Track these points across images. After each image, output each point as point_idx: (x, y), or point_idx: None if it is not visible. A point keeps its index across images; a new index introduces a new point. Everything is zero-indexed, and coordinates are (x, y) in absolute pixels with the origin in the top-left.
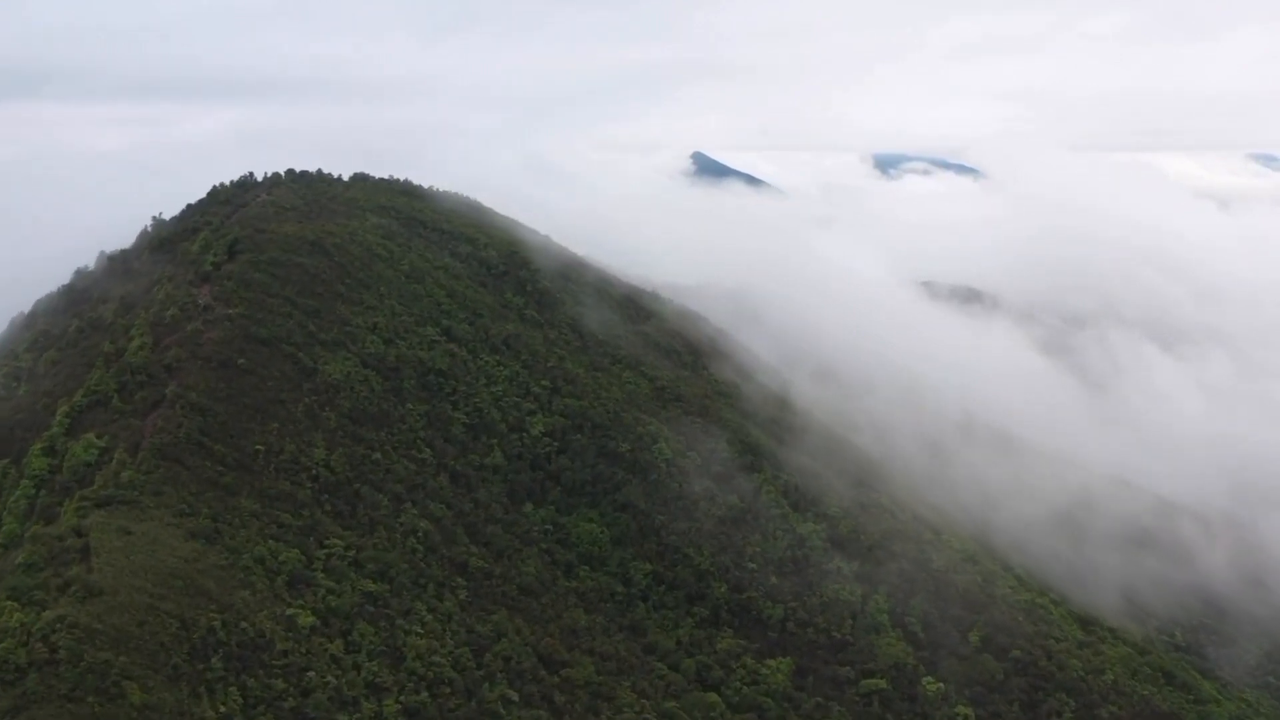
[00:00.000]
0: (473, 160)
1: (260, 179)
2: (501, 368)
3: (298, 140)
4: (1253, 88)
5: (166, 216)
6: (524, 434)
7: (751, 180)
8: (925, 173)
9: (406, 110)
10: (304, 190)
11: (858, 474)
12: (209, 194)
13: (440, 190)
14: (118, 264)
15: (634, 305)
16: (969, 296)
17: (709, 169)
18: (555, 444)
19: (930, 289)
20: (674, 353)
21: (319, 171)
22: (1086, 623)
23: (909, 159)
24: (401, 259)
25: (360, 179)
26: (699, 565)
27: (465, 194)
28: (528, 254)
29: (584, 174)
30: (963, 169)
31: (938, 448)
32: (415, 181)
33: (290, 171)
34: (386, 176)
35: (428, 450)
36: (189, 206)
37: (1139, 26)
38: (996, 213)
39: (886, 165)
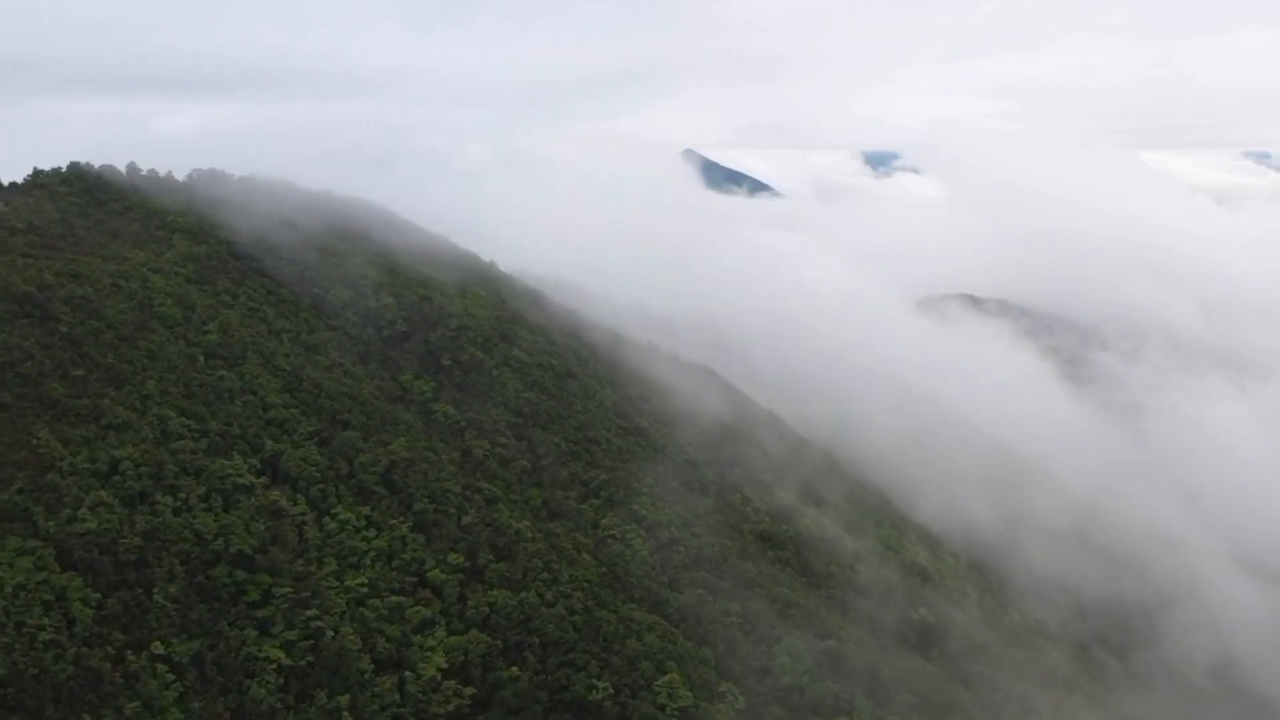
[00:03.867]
0: (451, 158)
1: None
2: (373, 534)
3: (287, 137)
4: (1249, 85)
5: None
6: (407, 676)
7: (743, 179)
8: (917, 171)
9: (392, 104)
10: (79, 199)
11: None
12: None
13: (341, 196)
14: None
15: (620, 373)
16: (976, 309)
17: (701, 168)
18: (469, 696)
19: (932, 304)
20: (687, 464)
21: (129, 166)
22: None
23: (900, 156)
24: (209, 321)
25: (208, 176)
26: None
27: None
28: (453, 298)
29: (570, 173)
30: (953, 167)
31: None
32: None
33: (75, 166)
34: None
35: None
36: None
37: (1140, 24)
38: (983, 213)
39: (877, 163)
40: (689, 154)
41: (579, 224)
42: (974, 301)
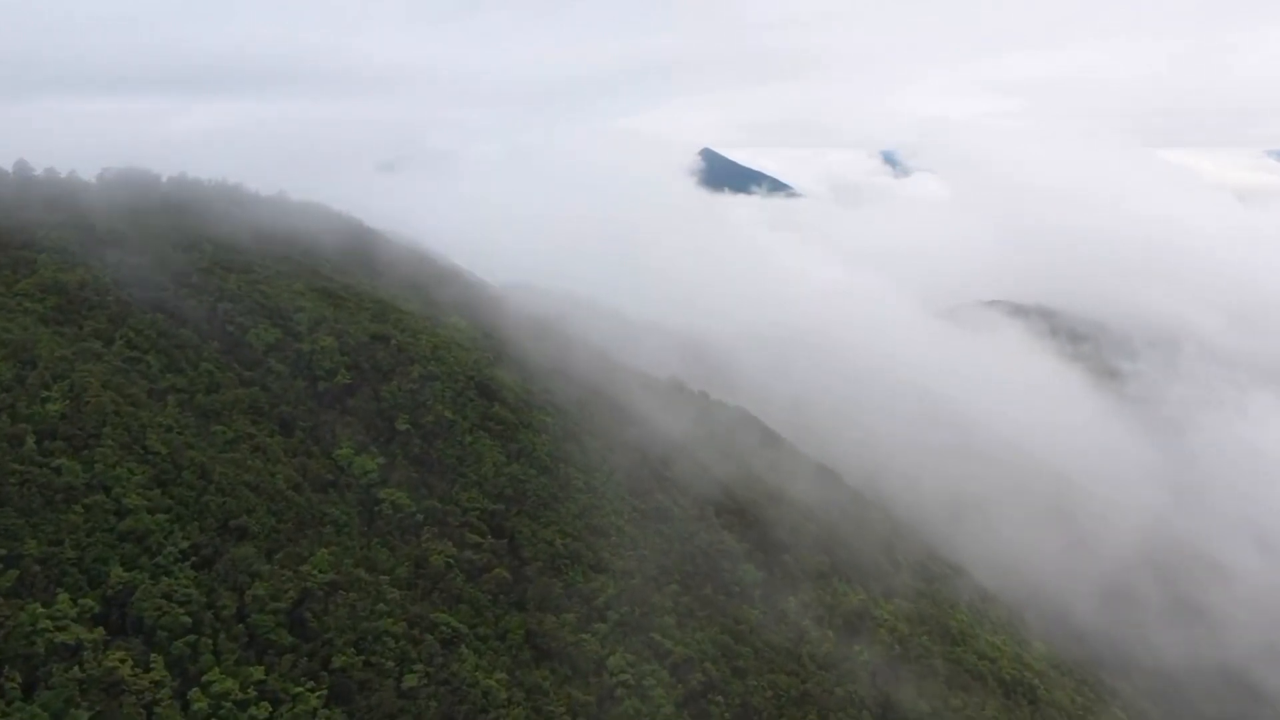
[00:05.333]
0: (456, 158)
1: None
2: (264, 713)
3: (280, 135)
4: (1269, 80)
5: None
6: None
7: (761, 179)
8: (934, 170)
9: (400, 103)
10: None
11: None
12: None
13: (297, 202)
14: None
15: (635, 427)
16: (1003, 315)
17: (719, 167)
18: None
19: (961, 312)
20: (722, 556)
21: (18, 164)
22: None
23: (917, 155)
24: (55, 382)
25: (124, 178)
26: None
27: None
28: (419, 334)
29: (583, 174)
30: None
31: None
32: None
33: None
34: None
35: None
36: None
37: (1156, 20)
38: (1004, 214)
39: (896, 162)
40: (707, 153)
41: (591, 230)
42: (1000, 307)
